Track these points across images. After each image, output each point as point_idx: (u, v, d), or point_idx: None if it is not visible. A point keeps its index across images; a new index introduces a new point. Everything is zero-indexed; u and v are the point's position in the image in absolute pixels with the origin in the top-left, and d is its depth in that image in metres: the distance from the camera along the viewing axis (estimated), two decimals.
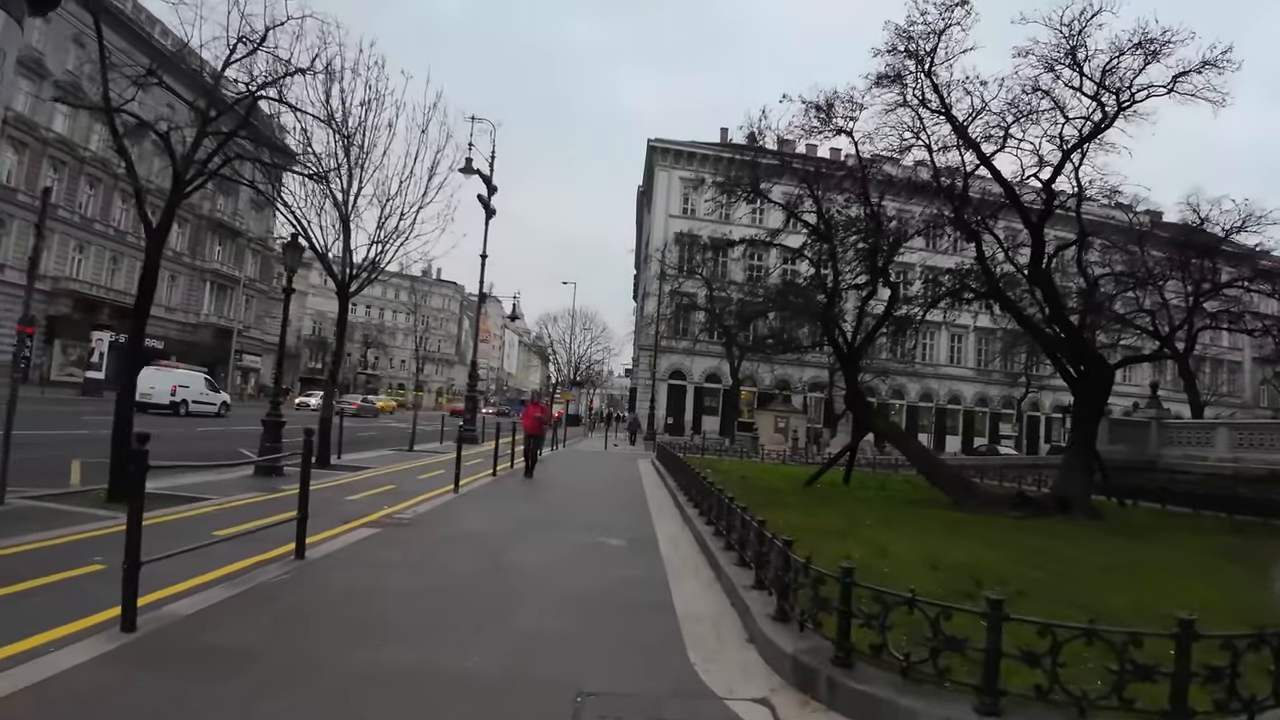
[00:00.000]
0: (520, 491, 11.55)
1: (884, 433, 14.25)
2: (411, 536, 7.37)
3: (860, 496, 12.97)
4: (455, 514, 8.88)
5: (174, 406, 24.58)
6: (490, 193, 23.64)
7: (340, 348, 14.22)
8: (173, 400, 24.74)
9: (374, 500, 9.73)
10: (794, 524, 8.86)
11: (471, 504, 9.84)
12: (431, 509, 9.17)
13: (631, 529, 8.43)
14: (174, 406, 24.58)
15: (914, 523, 10.06)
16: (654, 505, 10.65)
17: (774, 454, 22.63)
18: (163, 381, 24.89)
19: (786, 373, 42.22)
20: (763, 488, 13.30)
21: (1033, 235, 13.79)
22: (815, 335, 15.15)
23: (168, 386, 24.96)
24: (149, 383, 22.20)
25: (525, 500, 10.56)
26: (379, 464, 14.68)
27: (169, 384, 25.23)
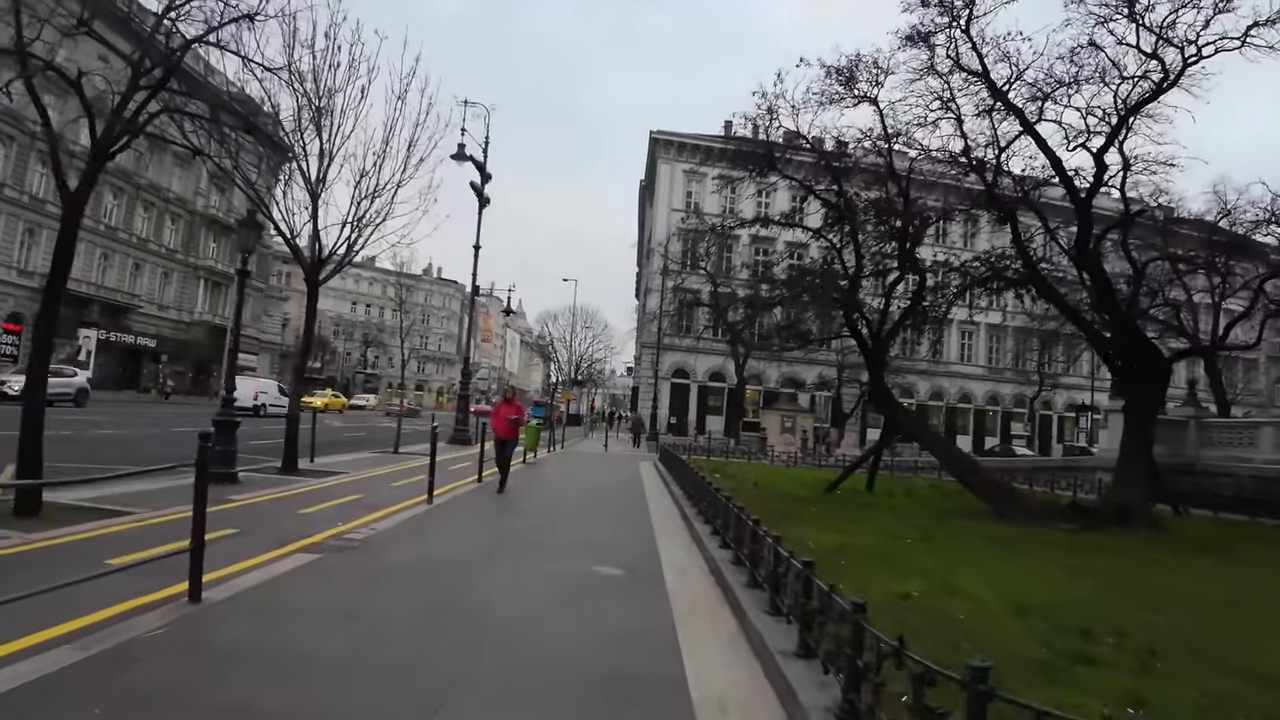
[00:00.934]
0: (503, 502, 9.98)
1: (914, 433, 12.69)
2: (356, 565, 5.82)
3: (889, 505, 11.39)
4: (420, 532, 7.33)
5: (255, 409, 28.82)
6: (484, 180, 22.14)
7: (308, 340, 12.68)
8: (254, 404, 29.23)
9: (329, 514, 8.18)
10: (826, 544, 7.31)
11: (443, 519, 8.29)
12: (394, 525, 7.62)
13: (630, 551, 6.87)
14: (255, 409, 28.82)
15: (962, 540, 8.50)
16: (657, 518, 9.08)
17: (784, 455, 21.06)
18: (247, 388, 29.16)
19: (793, 371, 40.65)
20: (779, 495, 11.75)
21: (1079, 213, 12.22)
22: (833, 326, 13.59)
23: (250, 392, 29.60)
24: (244, 391, 27.19)
25: (508, 513, 8.99)
26: (354, 468, 13.15)
27: (252, 390, 30.05)
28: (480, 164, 22.01)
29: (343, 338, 69.08)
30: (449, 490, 10.60)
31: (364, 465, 13.80)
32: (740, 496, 10.48)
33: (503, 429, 11.07)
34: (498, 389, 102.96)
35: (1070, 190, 12.01)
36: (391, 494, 9.97)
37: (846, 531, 8.29)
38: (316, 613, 4.54)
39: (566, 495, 11.11)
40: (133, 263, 40.92)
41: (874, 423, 43.10)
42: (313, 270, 12.20)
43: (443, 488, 10.74)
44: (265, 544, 6.46)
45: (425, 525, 7.74)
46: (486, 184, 22.28)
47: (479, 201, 22.15)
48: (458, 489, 10.95)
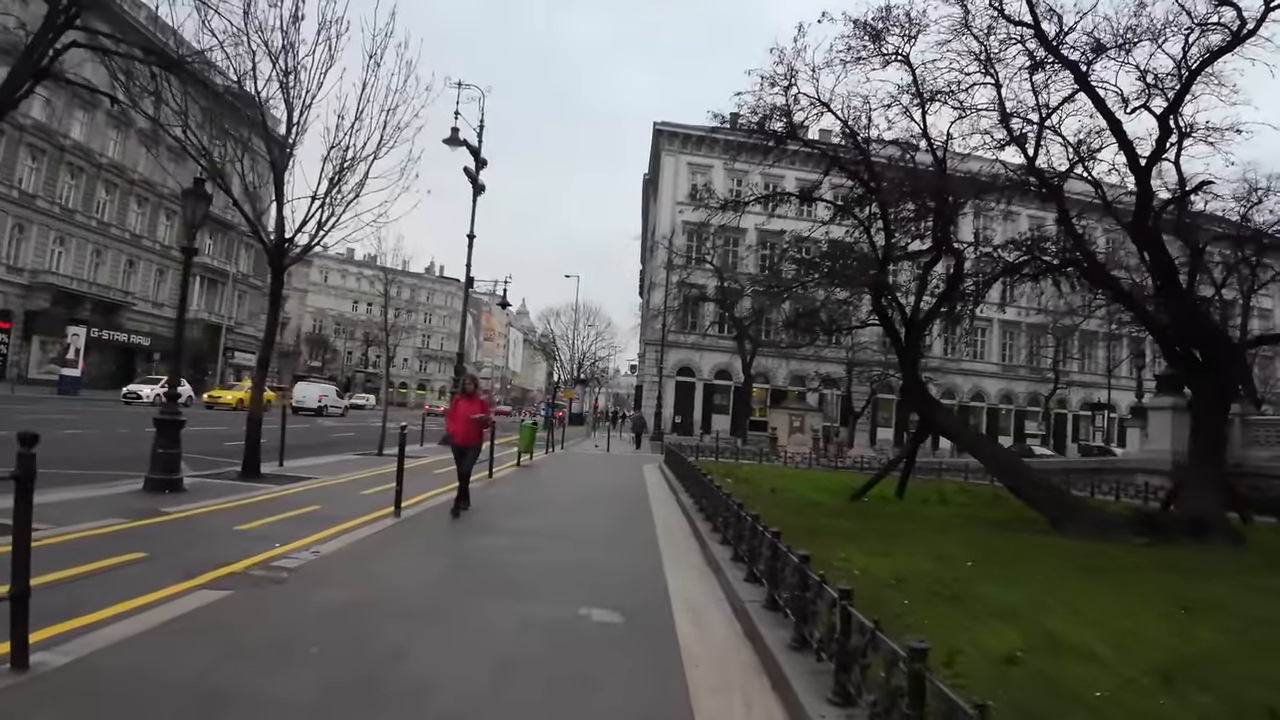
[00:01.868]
0: (482, 517, 8.48)
1: (954, 434, 11.13)
2: (267, 611, 4.38)
3: (928, 516, 9.89)
4: (369, 558, 5.87)
5: (318, 410, 32.81)
6: (478, 166, 20.69)
7: (271, 331, 11.25)
8: (318, 405, 33.34)
9: (271, 532, 6.75)
10: (874, 571, 5.82)
11: (405, 538, 6.84)
12: (341, 548, 6.18)
13: (631, 585, 5.40)
14: (318, 410, 32.81)
15: (1030, 563, 7.01)
16: (663, 534, 7.61)
17: (796, 457, 19.58)
18: (312, 392, 35.26)
19: (801, 369, 39.13)
20: (800, 502, 10.27)
21: (1139, 183, 10.72)
22: (858, 314, 12.07)
23: (315, 395, 34.75)
24: (302, 393, 34.28)
25: (484, 530, 7.48)
26: (327, 473, 11.73)
27: (316, 394, 35.27)
28: (475, 149, 20.58)
29: (344, 336, 67.83)
30: (423, 500, 9.16)
31: (339, 469, 12.39)
32: (757, 503, 9.02)
33: (462, 432, 8.18)
34: (501, 388, 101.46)
35: (1130, 156, 10.51)
36: (356, 505, 8.54)
37: (892, 552, 6.82)
38: (177, 694, 3.10)
39: (559, 505, 9.62)
40: (126, 259, 39.70)
41: (884, 422, 41.56)
42: (277, 253, 10.80)
43: (417, 497, 9.33)
44: (170, 575, 5.04)
45: (380, 548, 6.29)
46: (482, 170, 20.84)
47: (473, 188, 20.71)
48: (435, 498, 9.50)
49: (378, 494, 9.43)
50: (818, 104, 11.67)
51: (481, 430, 8.38)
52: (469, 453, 8.35)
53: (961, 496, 12.63)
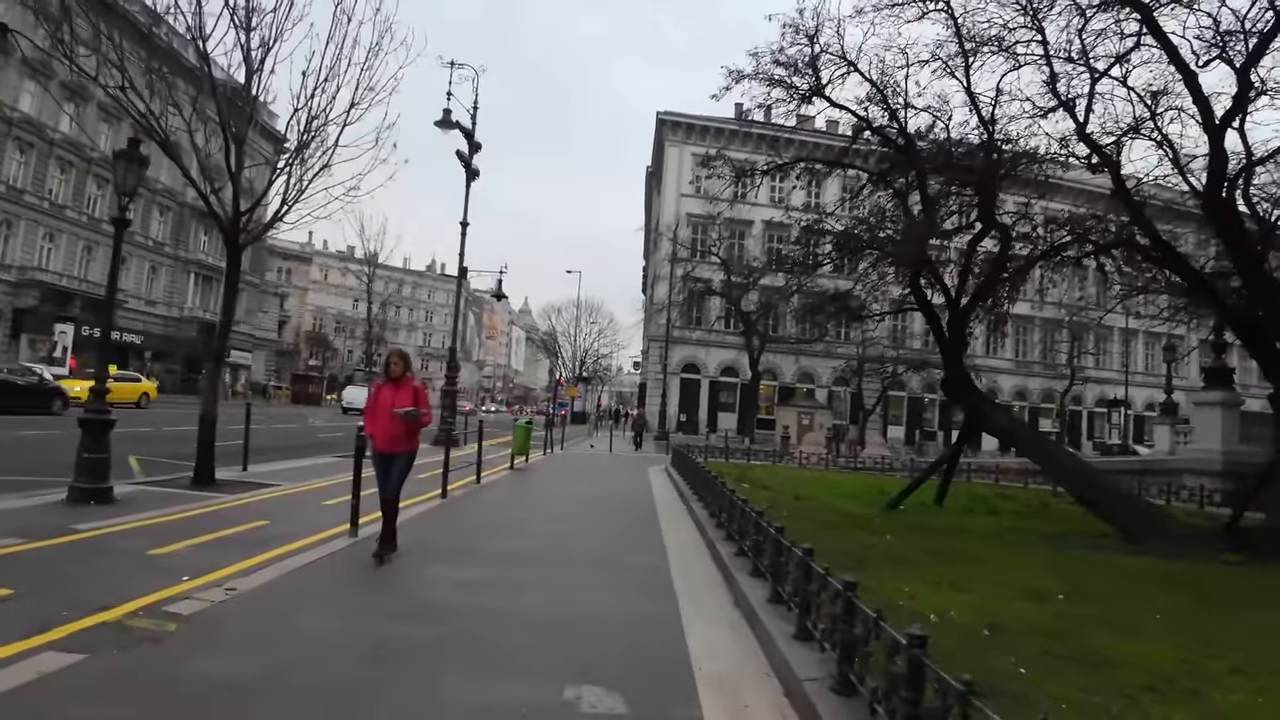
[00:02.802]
0: (454, 537, 6.91)
1: (1007, 433, 9.61)
2: (115, 690, 3.00)
3: (981, 530, 8.44)
4: (296, 601, 4.46)
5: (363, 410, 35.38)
6: (472, 150, 19.32)
7: (228, 319, 9.85)
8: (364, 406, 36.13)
9: (190, 558, 5.38)
10: (949, 611, 4.41)
11: (354, 568, 5.43)
12: (268, 582, 4.79)
13: (639, 644, 3.96)
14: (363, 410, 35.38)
15: (1129, 595, 5.60)
16: (678, 562, 6.13)
17: (812, 458, 18.15)
18: (360, 394, 36.91)
19: (810, 365, 37.71)
20: (831, 513, 8.85)
21: (1213, 146, 9.26)
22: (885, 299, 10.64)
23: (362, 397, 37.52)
24: (352, 396, 38.45)
25: (453, 558, 5.88)
26: (294, 479, 10.32)
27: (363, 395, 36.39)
28: (468, 131, 19.21)
29: (344, 335, 66.58)
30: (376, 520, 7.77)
31: (310, 474, 10.99)
32: (782, 514, 7.61)
33: (384, 433, 5.64)
34: (503, 386, 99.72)
35: (1205, 114, 9.04)
36: (310, 519, 7.16)
37: (963, 583, 5.41)
38: None
39: (550, 520, 8.13)
40: None
41: (894, 419, 40.06)
42: (233, 227, 9.42)
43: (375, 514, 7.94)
44: (22, 624, 3.73)
45: (315, 583, 4.89)
46: (475, 154, 19.47)
47: (467, 173, 19.34)
48: (409, 509, 8.12)
49: (341, 505, 8.04)
50: (843, 62, 10.22)
51: (414, 430, 5.74)
52: (396, 464, 5.68)
53: (1005, 503, 11.20)
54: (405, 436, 5.71)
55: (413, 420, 5.64)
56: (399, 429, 5.62)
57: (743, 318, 32.61)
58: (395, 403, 5.60)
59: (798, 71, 9.21)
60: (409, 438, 5.76)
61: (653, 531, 7.33)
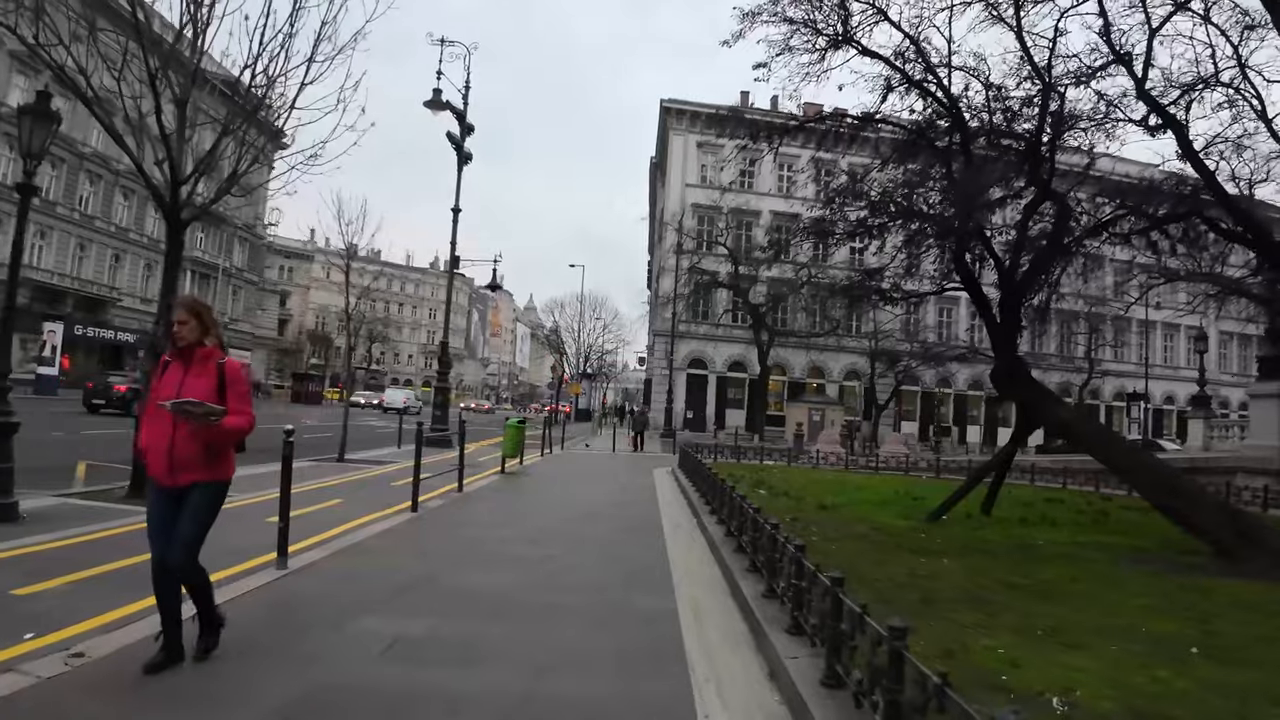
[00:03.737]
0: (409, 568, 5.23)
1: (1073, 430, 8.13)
2: None
3: (1048, 549, 7.03)
4: (142, 689, 3.10)
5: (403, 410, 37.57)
6: (464, 132, 18.00)
7: (168, 306, 8.55)
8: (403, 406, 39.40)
9: (62, 602, 4.08)
10: (1068, 689, 3.06)
11: (255, 621, 4.06)
12: (123, 649, 3.46)
13: None
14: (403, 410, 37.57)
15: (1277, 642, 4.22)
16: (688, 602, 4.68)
17: (831, 457, 16.75)
18: (399, 396, 45.29)
19: (821, 360, 36.24)
20: (871, 529, 7.46)
21: None
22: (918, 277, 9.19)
23: (401, 398, 43.76)
24: (391, 397, 44.95)
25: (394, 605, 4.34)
26: (254, 486, 9.01)
27: (401, 397, 44.34)
28: (460, 112, 17.90)
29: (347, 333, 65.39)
30: (335, 536, 6.45)
31: (269, 482, 9.67)
32: (811, 528, 6.27)
33: (160, 447, 3.10)
34: (508, 384, 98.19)
35: None
36: (238, 542, 5.82)
37: (1065, 632, 4.07)
38: None
39: (533, 539, 6.57)
40: (112, 253, 37.37)
41: (907, 415, 38.53)
42: (172, 201, 8.11)
43: (334, 529, 6.64)
44: None
45: (189, 646, 3.55)
46: (468, 137, 18.14)
47: (458, 157, 18.03)
48: (368, 526, 6.82)
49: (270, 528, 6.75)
50: (871, 9, 8.80)
51: (217, 441, 3.17)
52: (187, 506, 3.12)
53: (1056, 509, 9.81)
54: (200, 455, 3.11)
55: (202, 419, 3.03)
56: (189, 443, 3.07)
57: (751, 310, 31.19)
58: (191, 389, 3.10)
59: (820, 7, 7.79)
60: (209, 458, 3.16)
61: (657, 556, 5.96)
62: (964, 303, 39.28)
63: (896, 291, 9.67)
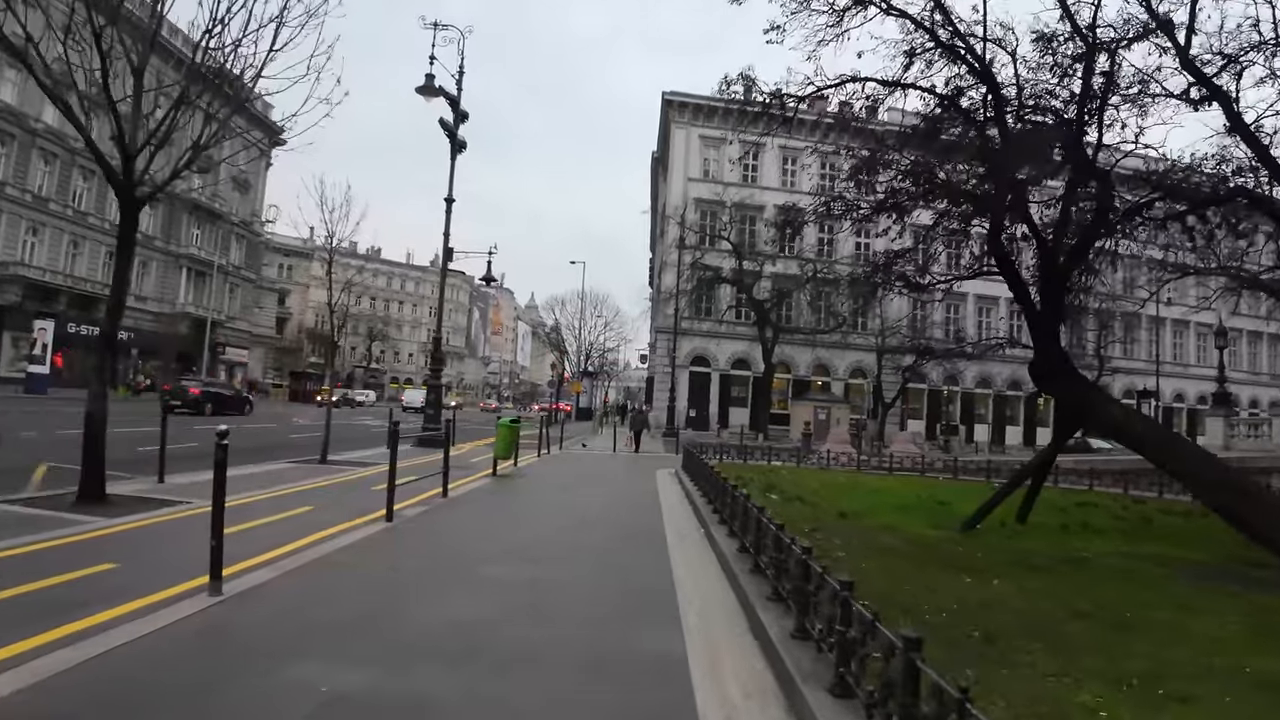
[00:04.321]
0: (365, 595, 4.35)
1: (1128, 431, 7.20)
2: None
3: (1109, 563, 6.17)
4: None
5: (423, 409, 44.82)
6: (457, 119, 17.18)
7: (120, 294, 7.68)
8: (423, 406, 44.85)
9: None
10: None
11: (156, 671, 3.25)
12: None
13: None
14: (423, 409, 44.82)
15: None
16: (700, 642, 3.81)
17: (842, 458, 15.92)
18: (418, 395, 43.26)
19: (826, 357, 35.36)
20: (901, 541, 6.63)
21: None
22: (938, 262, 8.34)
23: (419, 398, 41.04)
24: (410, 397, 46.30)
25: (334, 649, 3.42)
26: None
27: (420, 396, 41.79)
28: (453, 98, 17.07)
29: (347, 332, 64.69)
30: (312, 543, 5.64)
31: (246, 485, 8.88)
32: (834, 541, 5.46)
33: None
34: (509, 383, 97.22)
35: None
36: (176, 561, 5.00)
37: (1159, 675, 3.28)
38: None
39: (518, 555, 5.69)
40: (106, 250, 36.57)
41: (913, 413, 37.60)
42: (125, 178, 7.30)
43: (307, 538, 5.81)
44: None
45: (52, 709, 2.73)
46: (461, 124, 17.32)
47: (452, 145, 17.21)
48: (335, 538, 5.99)
49: (245, 533, 5.94)
50: None
51: None
52: None
53: (1094, 515, 8.97)
54: None
55: None
56: None
57: (755, 306, 30.34)
58: None
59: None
60: None
61: (661, 576, 5.12)
62: (971, 299, 38.37)
63: (922, 277, 8.81)
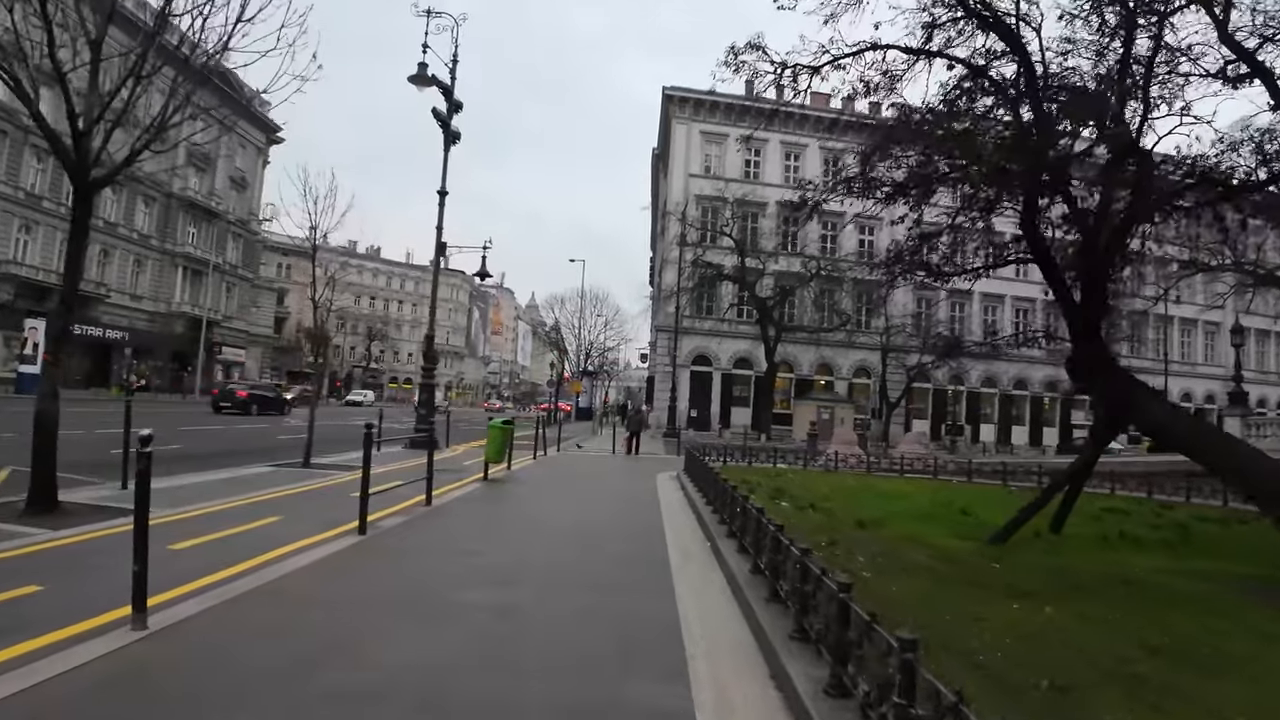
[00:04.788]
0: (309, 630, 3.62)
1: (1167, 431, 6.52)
2: None
3: (1161, 581, 5.48)
4: None
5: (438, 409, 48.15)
6: (450, 109, 16.50)
7: (72, 287, 7.04)
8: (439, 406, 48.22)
9: None
10: None
11: None
12: None
13: None
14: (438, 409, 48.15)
15: None
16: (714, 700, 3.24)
17: (851, 459, 15.22)
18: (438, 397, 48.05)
19: (829, 356, 34.68)
20: (930, 557, 5.93)
21: None
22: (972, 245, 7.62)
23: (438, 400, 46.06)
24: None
25: (244, 707, 2.69)
26: (180, 501, 7.55)
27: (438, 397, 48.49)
28: (447, 88, 16.40)
29: (346, 332, 64.08)
30: (269, 561, 4.95)
31: (217, 492, 8.21)
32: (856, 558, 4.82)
33: None
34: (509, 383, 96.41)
35: None
36: (103, 584, 4.32)
37: None
38: None
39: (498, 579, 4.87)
40: (100, 249, 35.94)
41: (918, 413, 36.90)
42: (77, 159, 6.66)
43: (265, 555, 5.13)
44: None
45: None
46: (455, 114, 16.65)
47: (445, 136, 16.52)
48: (296, 555, 5.30)
49: (197, 549, 5.27)
50: None
51: None
52: None
53: (1128, 524, 8.28)
54: None
55: None
56: None
57: (758, 304, 29.66)
58: None
59: None
60: None
61: (663, 606, 4.42)
62: (978, 297, 37.62)
63: (947, 265, 8.09)
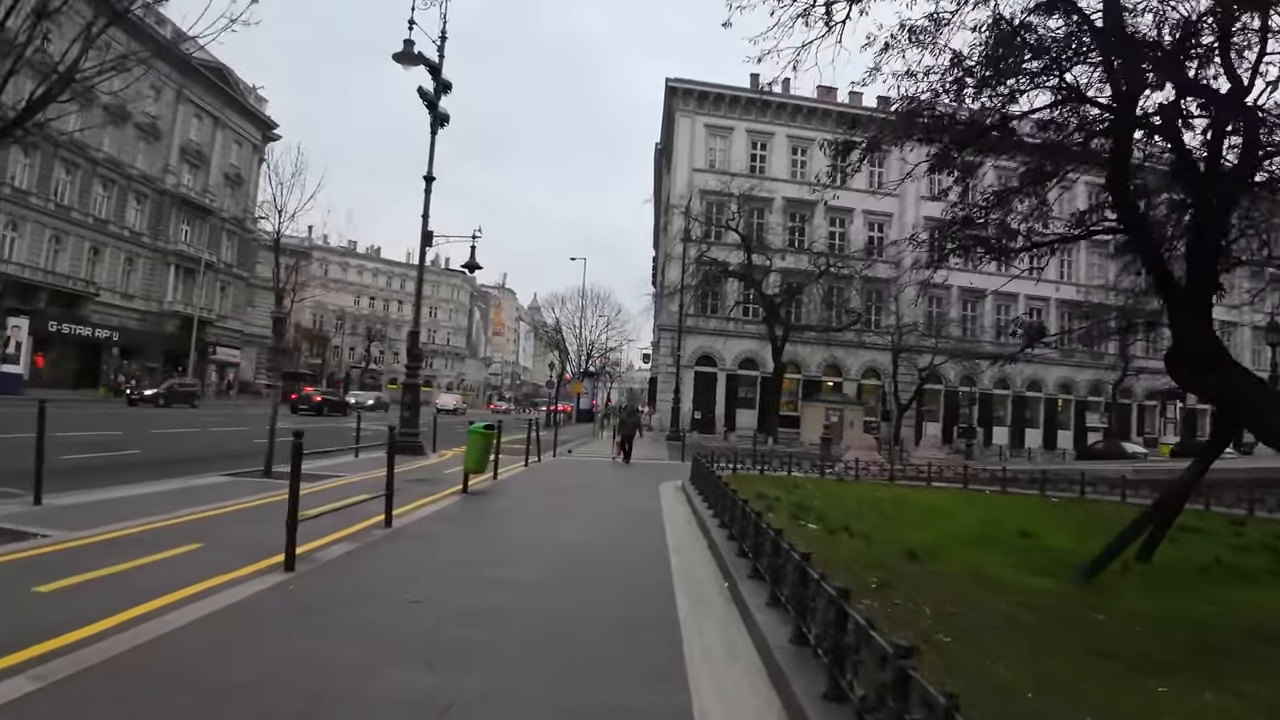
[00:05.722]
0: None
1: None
2: None
3: None
4: None
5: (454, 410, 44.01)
6: (438, 89, 15.24)
7: None
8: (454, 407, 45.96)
9: None
10: None
11: None
12: None
13: None
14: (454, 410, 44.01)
15: None
16: None
17: (873, 467, 13.85)
18: (450, 399, 52.15)
19: (837, 356, 33.35)
20: (1015, 605, 4.57)
21: None
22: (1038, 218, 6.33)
23: (452, 401, 50.66)
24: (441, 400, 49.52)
25: None
26: (107, 519, 6.22)
27: (452, 400, 52.13)
28: (434, 66, 15.14)
29: (345, 332, 62.91)
30: (155, 610, 3.63)
31: (143, 509, 6.90)
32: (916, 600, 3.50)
33: None
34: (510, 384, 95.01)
35: None
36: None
37: None
38: None
39: (452, 642, 3.51)
40: (90, 246, 34.82)
41: (929, 415, 35.50)
42: None
43: (151, 603, 3.81)
44: None
45: None
46: (443, 95, 15.39)
47: (432, 117, 15.27)
48: (195, 601, 3.97)
49: (69, 591, 3.97)
50: None
51: None
52: None
53: (1216, 547, 6.95)
54: None
55: None
56: None
57: (765, 302, 28.34)
58: None
59: None
60: None
61: (676, 697, 3.10)
62: (989, 298, 36.23)
63: (1013, 239, 6.71)
